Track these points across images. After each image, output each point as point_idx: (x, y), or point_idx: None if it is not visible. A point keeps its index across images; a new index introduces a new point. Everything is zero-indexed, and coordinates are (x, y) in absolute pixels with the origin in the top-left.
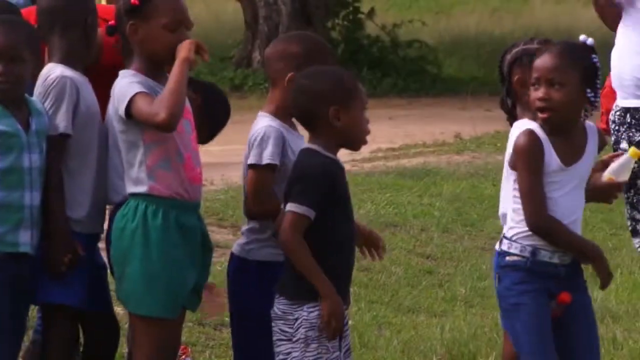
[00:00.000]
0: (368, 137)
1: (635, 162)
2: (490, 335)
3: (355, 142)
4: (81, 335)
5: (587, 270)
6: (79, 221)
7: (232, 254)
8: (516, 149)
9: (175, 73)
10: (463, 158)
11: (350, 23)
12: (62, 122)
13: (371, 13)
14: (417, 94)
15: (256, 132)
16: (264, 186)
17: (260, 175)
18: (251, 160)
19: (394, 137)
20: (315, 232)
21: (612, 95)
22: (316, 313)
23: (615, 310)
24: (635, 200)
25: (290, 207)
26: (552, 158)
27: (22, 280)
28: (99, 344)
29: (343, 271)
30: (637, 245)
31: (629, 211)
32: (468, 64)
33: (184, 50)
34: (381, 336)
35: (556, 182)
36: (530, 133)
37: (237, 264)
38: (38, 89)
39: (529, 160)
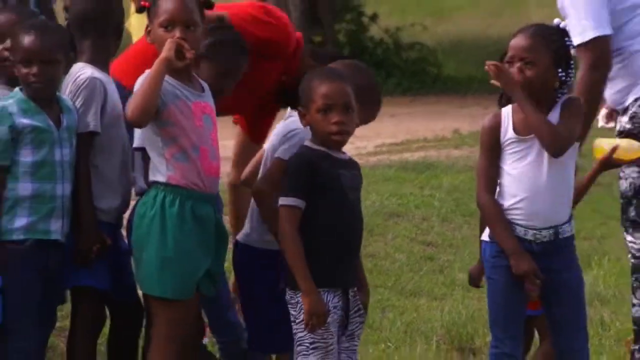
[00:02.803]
0: (373, 133)
1: None
2: (487, 318)
3: (321, 141)
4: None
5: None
6: (106, 211)
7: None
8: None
9: (150, 71)
10: (461, 152)
11: (356, 26)
12: (91, 120)
13: (374, 17)
14: (419, 93)
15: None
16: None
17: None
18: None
19: (397, 133)
20: (303, 218)
21: None
22: None
23: (603, 294)
24: None
25: (280, 201)
26: (508, 129)
27: (52, 266)
28: (123, 326)
29: (336, 255)
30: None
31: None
32: (466, 65)
33: (164, 49)
34: (385, 318)
35: (514, 152)
36: (493, 115)
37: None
38: (68, 87)
39: (482, 139)
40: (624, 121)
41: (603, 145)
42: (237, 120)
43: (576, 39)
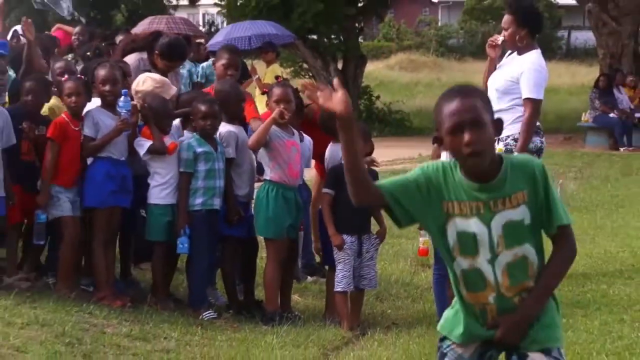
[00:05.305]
0: (376, 155)
1: None
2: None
3: None
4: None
5: None
6: (242, 196)
7: None
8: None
9: (263, 123)
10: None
11: (369, 102)
12: (231, 152)
13: (378, 97)
14: (401, 136)
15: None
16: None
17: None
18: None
19: (390, 155)
20: (333, 199)
21: None
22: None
23: None
24: None
25: (322, 190)
26: (444, 154)
27: (214, 222)
28: (247, 254)
29: (352, 217)
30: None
31: None
32: (425, 121)
33: (274, 113)
34: (383, 249)
35: None
36: (437, 147)
37: None
38: (218, 135)
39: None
40: (500, 145)
41: None
42: (315, 167)
43: (526, 94)
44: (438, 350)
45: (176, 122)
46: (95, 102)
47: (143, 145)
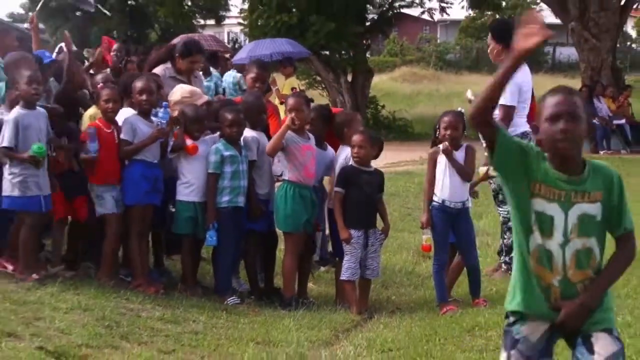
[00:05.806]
0: (383, 157)
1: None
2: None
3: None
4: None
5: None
6: (262, 195)
7: None
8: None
9: (279, 131)
10: (423, 166)
11: (375, 111)
12: (253, 154)
13: (383, 106)
14: (404, 141)
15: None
16: None
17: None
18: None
19: (394, 158)
20: (345, 197)
21: None
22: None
23: (488, 230)
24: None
25: (334, 189)
26: (440, 154)
27: (238, 218)
28: (268, 246)
29: (359, 213)
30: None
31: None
32: (425, 127)
33: (288, 120)
34: (388, 242)
35: (443, 166)
36: (434, 149)
37: None
38: (242, 141)
39: (429, 159)
40: None
41: (483, 169)
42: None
43: (500, 100)
44: (506, 335)
45: (215, 135)
46: (126, 111)
47: (171, 144)
